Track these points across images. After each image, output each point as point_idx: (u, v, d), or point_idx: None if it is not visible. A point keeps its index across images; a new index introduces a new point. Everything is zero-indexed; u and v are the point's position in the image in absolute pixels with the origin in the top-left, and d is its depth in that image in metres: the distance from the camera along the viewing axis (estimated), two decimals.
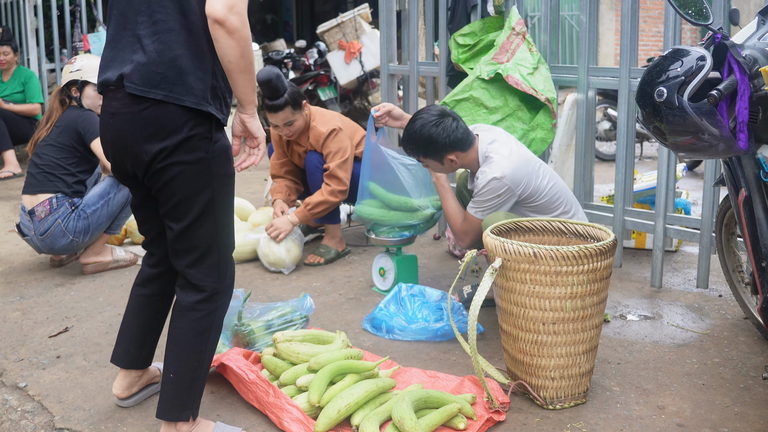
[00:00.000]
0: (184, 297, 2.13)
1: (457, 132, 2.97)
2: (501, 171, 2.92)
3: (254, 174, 6.89)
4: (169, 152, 2.00)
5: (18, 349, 2.98)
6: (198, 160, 2.03)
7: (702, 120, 2.11)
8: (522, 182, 2.97)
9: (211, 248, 2.10)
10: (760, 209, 2.28)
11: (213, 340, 2.16)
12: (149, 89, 1.97)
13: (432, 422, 2.23)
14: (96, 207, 3.75)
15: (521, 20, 3.80)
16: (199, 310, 2.11)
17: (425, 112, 3.03)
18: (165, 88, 1.97)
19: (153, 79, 1.97)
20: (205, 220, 2.07)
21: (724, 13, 3.14)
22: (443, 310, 3.06)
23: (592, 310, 2.37)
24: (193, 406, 2.16)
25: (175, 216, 2.07)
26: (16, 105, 6.73)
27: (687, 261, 4.01)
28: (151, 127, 1.99)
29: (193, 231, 2.07)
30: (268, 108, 3.84)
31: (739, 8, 4.47)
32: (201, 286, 2.11)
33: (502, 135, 3.13)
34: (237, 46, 1.93)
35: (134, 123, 2.00)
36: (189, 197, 2.04)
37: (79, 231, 3.72)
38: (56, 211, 3.68)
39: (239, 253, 4.06)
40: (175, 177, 2.02)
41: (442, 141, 2.96)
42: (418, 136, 2.99)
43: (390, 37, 4.74)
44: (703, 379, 2.62)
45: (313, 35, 13.55)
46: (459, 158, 3.02)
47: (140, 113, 1.99)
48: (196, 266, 2.10)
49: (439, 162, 3.03)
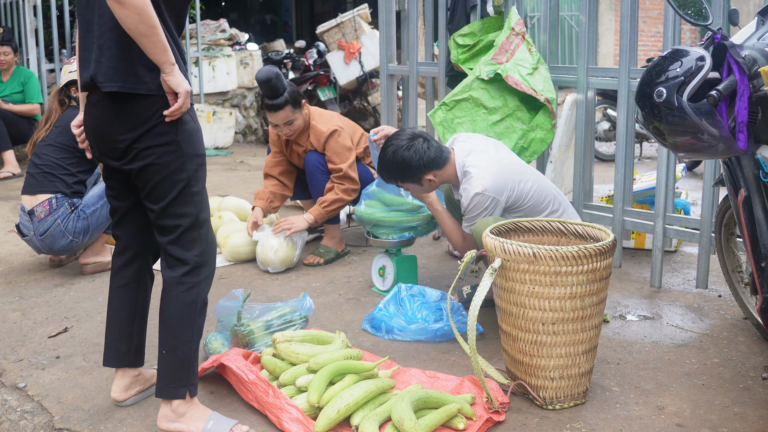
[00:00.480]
0: (169, 273, 2.24)
1: (429, 152, 2.99)
2: (482, 185, 2.93)
3: (254, 174, 6.89)
4: (140, 139, 2.13)
5: (17, 349, 2.98)
6: (168, 142, 2.15)
7: (701, 120, 2.12)
8: (505, 189, 2.96)
9: (191, 224, 2.22)
10: (760, 209, 2.28)
11: (199, 315, 2.26)
12: (108, 83, 2.10)
13: (431, 422, 2.23)
14: (95, 207, 3.75)
15: (521, 20, 3.80)
16: (183, 283, 2.22)
17: (395, 138, 3.06)
18: (119, 80, 2.09)
19: (108, 74, 2.10)
20: (182, 198, 2.20)
21: (723, 14, 3.14)
22: (443, 311, 3.06)
23: (592, 310, 2.37)
24: (188, 383, 2.24)
25: (154, 198, 2.19)
26: (15, 105, 6.73)
27: (686, 261, 4.01)
28: (120, 119, 2.14)
29: (173, 210, 2.20)
30: (268, 107, 3.84)
31: (739, 8, 4.48)
32: (184, 259, 2.22)
33: (478, 143, 3.14)
34: (131, 14, 1.98)
35: (107, 116, 2.16)
36: (165, 179, 2.17)
37: (79, 231, 3.72)
38: (56, 212, 3.68)
39: (239, 253, 4.06)
40: (150, 161, 2.15)
41: (416, 163, 2.98)
42: (392, 163, 3.02)
43: (389, 37, 4.74)
44: (703, 380, 2.62)
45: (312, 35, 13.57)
46: (437, 176, 3.04)
47: (111, 107, 2.14)
48: (178, 242, 2.22)
49: (418, 184, 3.06)
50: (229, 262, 4.09)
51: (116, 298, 2.41)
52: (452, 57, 4.12)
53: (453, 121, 3.87)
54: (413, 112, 4.67)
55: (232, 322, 2.81)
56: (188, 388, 2.24)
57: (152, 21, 2.01)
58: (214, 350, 2.77)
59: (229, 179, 6.68)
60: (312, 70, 9.16)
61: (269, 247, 3.85)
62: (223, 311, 2.84)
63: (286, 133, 3.97)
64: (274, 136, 4.20)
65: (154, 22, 2.01)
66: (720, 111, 2.12)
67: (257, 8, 18.85)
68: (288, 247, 3.87)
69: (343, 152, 3.96)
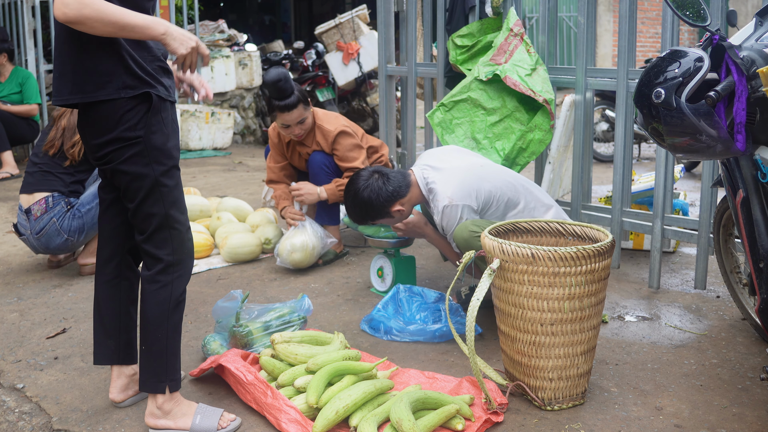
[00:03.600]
0: (144, 272, 2.29)
1: (387, 186, 3.04)
2: (447, 198, 2.94)
3: (252, 175, 6.89)
4: (109, 143, 2.18)
5: (15, 350, 2.97)
6: (135, 144, 2.18)
7: (700, 121, 2.12)
8: (472, 193, 2.96)
9: (160, 224, 2.26)
10: (758, 210, 2.28)
11: (174, 312, 2.29)
12: (69, 96, 2.16)
13: (430, 423, 2.23)
14: (91, 206, 3.74)
15: (519, 21, 3.81)
16: (157, 281, 2.26)
17: (351, 184, 3.11)
18: (78, 91, 2.14)
19: (66, 87, 2.15)
20: (152, 198, 2.24)
21: (721, 15, 3.14)
22: (441, 311, 3.06)
23: (590, 311, 2.37)
24: (167, 378, 2.28)
25: (128, 197, 2.25)
26: (13, 106, 6.72)
27: (685, 262, 4.01)
28: (90, 124, 2.19)
29: (145, 209, 2.24)
30: (280, 108, 3.82)
31: (737, 9, 4.48)
32: (157, 257, 2.26)
33: (434, 156, 3.18)
34: (96, 25, 2.00)
35: (82, 120, 2.23)
36: (134, 180, 2.21)
37: (74, 230, 3.71)
38: (51, 210, 3.68)
39: (237, 254, 4.06)
40: (117, 164, 2.20)
41: (378, 201, 3.04)
42: (356, 208, 3.10)
43: (388, 38, 4.75)
44: (701, 380, 2.62)
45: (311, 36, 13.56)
46: (405, 204, 3.08)
47: (83, 113, 2.21)
48: (150, 240, 2.27)
49: (390, 217, 3.10)
50: (228, 263, 4.09)
51: (101, 294, 2.43)
52: (451, 58, 4.12)
53: (451, 122, 3.88)
54: (411, 113, 4.67)
55: (230, 323, 2.80)
56: (168, 384, 2.28)
57: (114, 14, 2.00)
58: (212, 351, 2.77)
59: (228, 180, 6.68)
60: (310, 71, 9.17)
61: (290, 245, 3.84)
62: (222, 312, 2.84)
63: (297, 133, 3.95)
64: (275, 139, 4.18)
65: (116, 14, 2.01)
66: (718, 112, 2.12)
67: (256, 9, 18.86)
68: (305, 253, 3.84)
69: (354, 150, 3.97)
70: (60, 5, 1.98)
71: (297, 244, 3.82)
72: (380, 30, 4.74)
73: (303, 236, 3.85)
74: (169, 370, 2.29)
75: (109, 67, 2.11)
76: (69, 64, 2.14)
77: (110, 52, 2.11)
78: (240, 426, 2.35)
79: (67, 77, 2.14)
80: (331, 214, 4.12)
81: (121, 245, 2.42)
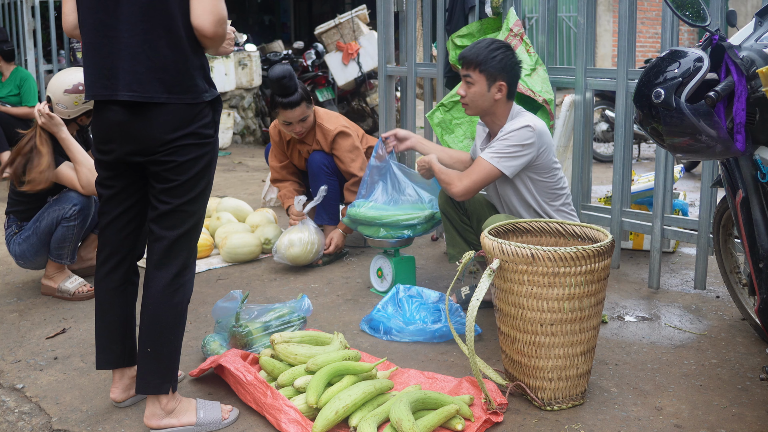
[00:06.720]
0: (158, 275, 2.24)
1: (517, 68, 3.08)
2: (533, 123, 3.00)
3: (252, 175, 6.89)
4: (185, 137, 2.17)
5: (15, 350, 2.97)
6: (208, 143, 2.23)
7: (699, 121, 2.12)
8: (545, 144, 3.03)
9: (196, 223, 2.30)
10: (758, 210, 2.28)
11: (185, 314, 2.30)
12: (152, 95, 2.12)
13: (430, 423, 2.23)
14: (28, 233, 3.56)
15: (519, 21, 3.80)
16: (174, 284, 2.25)
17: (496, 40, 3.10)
18: (165, 90, 2.12)
19: (152, 85, 2.11)
20: (201, 198, 2.27)
21: (721, 15, 3.14)
22: (441, 312, 3.06)
23: (590, 311, 2.37)
24: (172, 379, 2.28)
25: (177, 193, 2.21)
26: (12, 108, 6.71)
27: (684, 262, 4.01)
28: (162, 124, 2.15)
29: (188, 207, 2.24)
30: (283, 105, 3.83)
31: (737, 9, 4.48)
32: (179, 256, 2.26)
33: None
34: (222, 46, 2.22)
35: (146, 116, 2.15)
36: (193, 177, 2.21)
37: (19, 255, 3.58)
38: (7, 230, 3.62)
39: (237, 254, 4.06)
40: (190, 157, 2.19)
41: (508, 64, 3.02)
42: (487, 51, 3.02)
43: (388, 38, 4.74)
44: (701, 380, 2.62)
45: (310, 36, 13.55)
46: (502, 92, 3.04)
47: (147, 114, 2.14)
48: (177, 241, 2.24)
49: (488, 84, 3.02)
50: (227, 263, 4.09)
51: (106, 302, 2.41)
52: (450, 58, 4.12)
53: (451, 122, 3.88)
54: (411, 113, 4.67)
55: (230, 323, 2.80)
56: (172, 384, 2.29)
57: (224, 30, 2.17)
58: (212, 351, 2.77)
59: (228, 180, 6.68)
60: (310, 71, 9.18)
61: (288, 240, 3.85)
62: (222, 312, 2.84)
63: (298, 131, 3.96)
64: (275, 137, 4.19)
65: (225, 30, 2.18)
66: (718, 112, 2.12)
67: (255, 9, 18.84)
68: (303, 248, 3.85)
69: (353, 152, 3.96)
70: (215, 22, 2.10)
71: (294, 239, 3.83)
72: (380, 30, 4.73)
73: (301, 232, 3.86)
74: (175, 371, 2.30)
75: (196, 70, 2.17)
76: (157, 61, 2.10)
77: (200, 55, 2.20)
78: (238, 416, 2.38)
79: (152, 75, 2.11)
80: (331, 214, 4.12)
81: (129, 254, 2.40)
